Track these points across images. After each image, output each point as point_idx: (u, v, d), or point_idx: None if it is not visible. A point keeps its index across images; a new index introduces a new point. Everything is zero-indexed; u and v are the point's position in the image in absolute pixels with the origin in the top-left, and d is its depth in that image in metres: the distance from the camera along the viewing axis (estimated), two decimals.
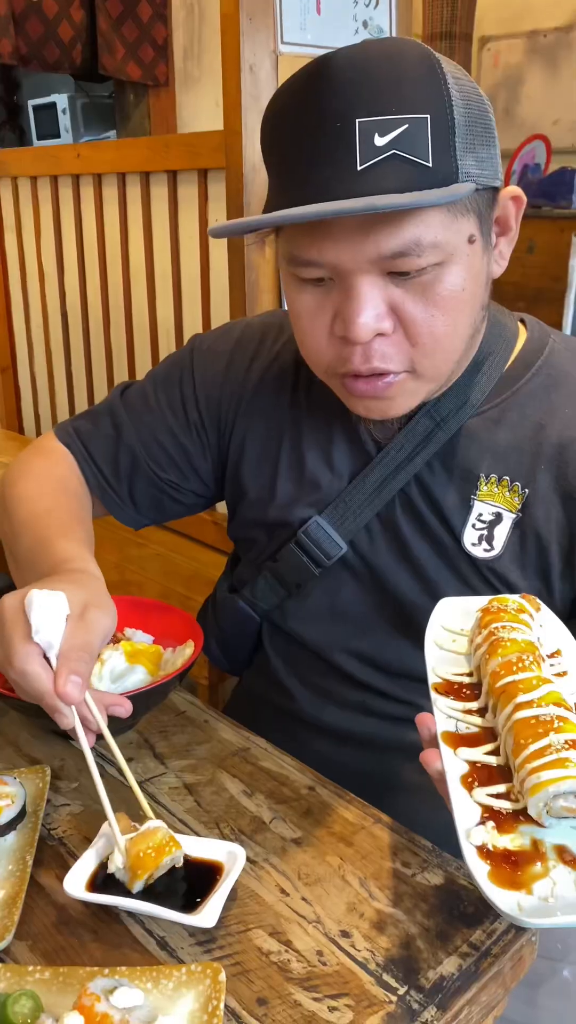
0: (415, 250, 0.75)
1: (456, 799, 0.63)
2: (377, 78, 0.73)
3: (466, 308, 0.81)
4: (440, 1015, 0.62)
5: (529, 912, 0.56)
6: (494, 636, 0.73)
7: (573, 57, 3.19)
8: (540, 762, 0.61)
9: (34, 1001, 0.59)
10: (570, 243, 2.35)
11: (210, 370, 1.06)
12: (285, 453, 1.01)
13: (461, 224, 0.77)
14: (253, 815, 0.81)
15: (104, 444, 1.08)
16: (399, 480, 0.94)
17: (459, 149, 0.74)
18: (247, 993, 0.64)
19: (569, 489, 0.88)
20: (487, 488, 0.91)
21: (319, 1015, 0.62)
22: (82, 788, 0.85)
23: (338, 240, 0.75)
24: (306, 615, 1.03)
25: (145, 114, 3.18)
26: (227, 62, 1.50)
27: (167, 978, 0.62)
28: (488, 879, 0.58)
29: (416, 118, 0.72)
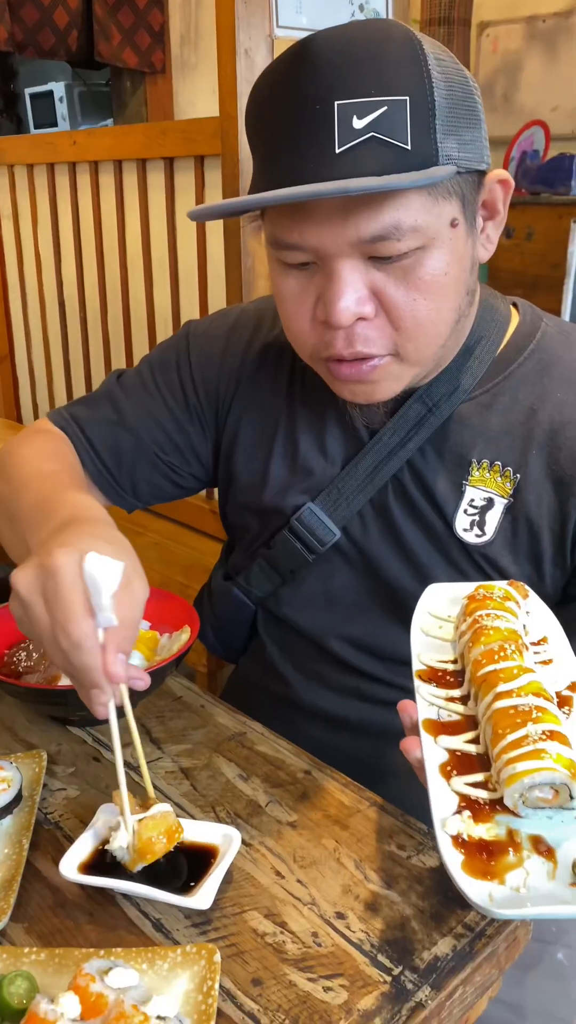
0: (395, 234, 0.75)
1: (433, 788, 0.63)
2: (357, 60, 0.72)
3: (449, 292, 0.81)
4: (434, 995, 0.62)
5: (500, 903, 0.56)
6: (478, 624, 0.73)
7: (572, 42, 3.17)
8: (517, 752, 0.60)
9: (29, 982, 0.60)
10: (568, 230, 2.34)
11: (206, 354, 1.06)
12: (280, 438, 1.01)
13: (443, 208, 0.77)
14: (249, 799, 0.81)
15: (104, 429, 1.06)
16: (391, 466, 0.94)
17: (439, 132, 0.74)
18: (242, 974, 0.64)
19: (561, 474, 0.88)
20: (479, 473, 0.91)
21: (314, 995, 0.62)
22: (78, 772, 0.85)
23: (319, 223, 0.75)
24: (300, 602, 1.03)
25: (142, 101, 3.16)
26: (222, 47, 1.49)
27: (162, 959, 0.62)
28: (461, 868, 0.58)
29: (395, 100, 0.72)
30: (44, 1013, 0.56)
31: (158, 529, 2.35)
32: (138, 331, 2.27)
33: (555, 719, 0.63)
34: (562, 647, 0.75)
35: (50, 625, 0.66)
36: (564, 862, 0.58)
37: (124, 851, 0.69)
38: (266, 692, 1.09)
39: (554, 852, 0.59)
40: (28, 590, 0.67)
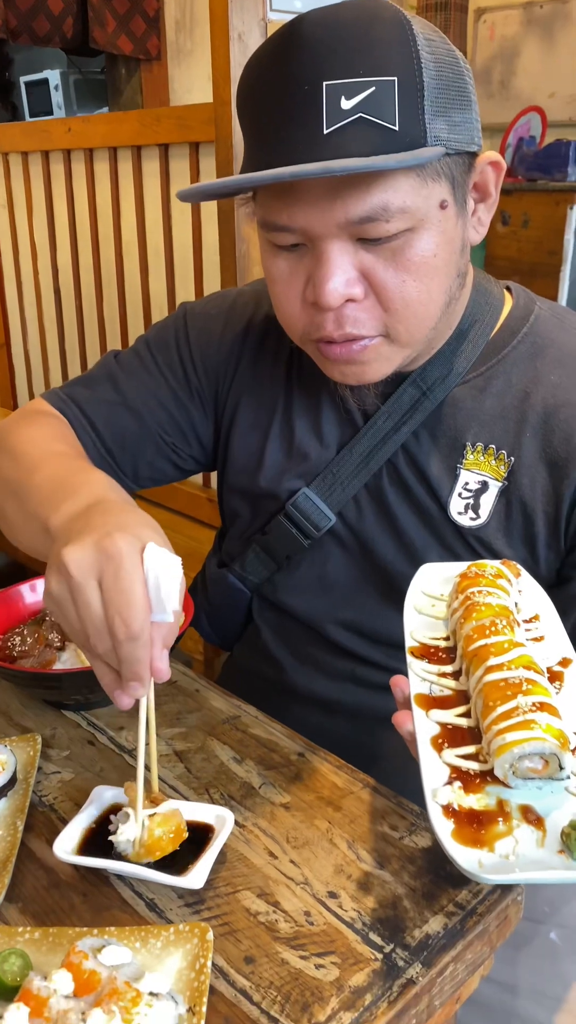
0: (383, 215, 0.75)
1: (424, 759, 0.64)
2: (346, 40, 0.72)
3: (439, 274, 0.81)
4: (425, 972, 0.63)
5: (489, 869, 0.57)
6: (470, 600, 0.73)
7: (569, 29, 3.16)
8: (507, 724, 0.61)
9: (23, 959, 0.60)
10: (565, 217, 2.34)
11: (205, 334, 1.05)
12: (276, 422, 1.01)
13: (432, 189, 0.77)
14: (243, 781, 0.82)
15: (106, 409, 1.04)
16: (386, 450, 0.94)
17: (428, 112, 0.73)
18: (235, 952, 0.64)
19: (555, 456, 0.88)
20: (473, 457, 0.91)
21: (305, 972, 0.63)
22: (73, 756, 0.86)
23: (307, 205, 0.75)
24: (296, 587, 1.03)
25: (137, 89, 3.15)
26: (216, 32, 1.48)
27: (155, 937, 0.63)
28: (451, 837, 0.59)
29: (383, 80, 0.72)
30: (38, 989, 0.56)
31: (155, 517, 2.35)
32: (134, 318, 2.26)
33: (545, 691, 0.64)
34: (553, 624, 0.76)
35: (101, 611, 0.63)
36: (553, 830, 0.59)
37: (129, 844, 0.69)
38: (261, 678, 1.09)
39: (543, 821, 0.60)
40: (82, 571, 0.63)
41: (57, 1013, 0.55)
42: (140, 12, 2.93)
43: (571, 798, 0.62)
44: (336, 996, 0.61)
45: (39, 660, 0.90)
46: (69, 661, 0.91)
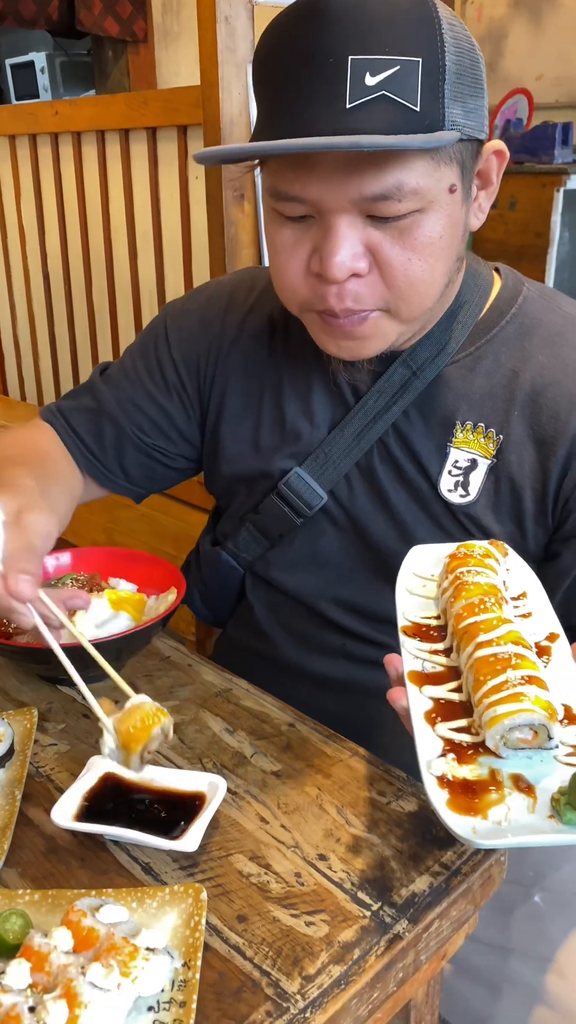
0: (396, 194, 0.76)
1: (419, 733, 0.66)
2: (372, 16, 0.73)
3: (443, 255, 0.82)
4: (411, 928, 0.65)
5: (483, 835, 0.59)
6: (459, 580, 0.76)
7: (557, 11, 3.15)
8: (497, 696, 0.63)
9: (24, 919, 0.62)
10: (552, 199, 2.35)
11: (184, 330, 1.07)
12: (266, 405, 1.03)
13: (443, 172, 0.78)
14: (235, 750, 0.84)
15: (86, 417, 1.10)
16: (377, 429, 0.96)
17: (447, 96, 0.75)
18: (228, 911, 0.67)
19: (542, 434, 0.90)
20: (463, 435, 0.93)
21: (296, 929, 0.65)
22: (69, 729, 0.88)
23: (322, 177, 0.76)
24: (288, 565, 1.05)
25: (124, 71, 3.14)
26: (203, 14, 1.49)
27: (151, 898, 0.65)
28: (446, 806, 0.61)
29: (408, 60, 0.72)
30: (38, 946, 0.58)
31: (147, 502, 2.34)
32: (123, 301, 2.27)
33: (533, 665, 0.66)
34: (540, 601, 0.78)
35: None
36: (543, 797, 0.61)
37: (115, 753, 0.72)
38: (253, 654, 1.11)
39: (534, 789, 0.62)
40: None
41: (57, 968, 0.57)
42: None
43: (560, 766, 0.64)
44: (326, 951, 0.63)
45: (34, 636, 0.92)
46: (64, 637, 0.93)
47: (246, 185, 1.60)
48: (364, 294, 0.82)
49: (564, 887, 0.96)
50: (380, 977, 0.63)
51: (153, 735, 0.72)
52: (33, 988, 0.57)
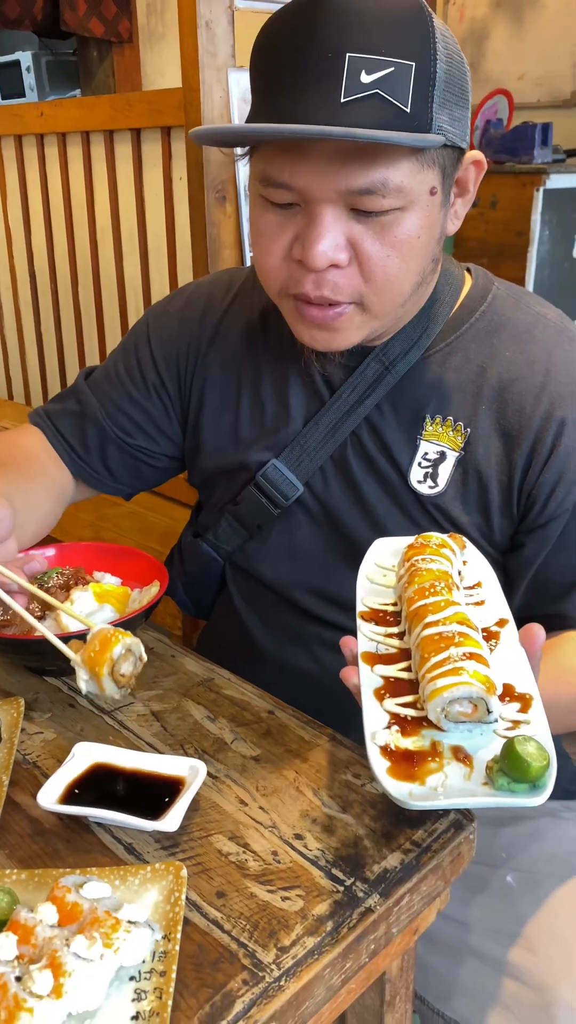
0: (381, 189, 0.79)
1: (367, 707, 0.70)
2: (373, 16, 0.76)
3: (419, 254, 0.86)
4: (382, 902, 0.68)
5: (418, 797, 0.63)
6: (414, 567, 0.80)
7: (537, 12, 3.19)
8: (439, 671, 0.67)
9: (10, 896, 0.65)
10: (532, 198, 2.38)
11: (164, 331, 1.11)
12: (244, 400, 1.06)
13: (426, 174, 0.81)
14: (216, 737, 0.87)
15: (71, 420, 1.14)
16: (351, 422, 0.99)
17: (436, 102, 0.78)
18: (207, 888, 0.70)
19: (508, 427, 0.93)
20: (432, 428, 0.96)
21: (272, 904, 0.68)
22: (54, 718, 0.91)
23: (312, 167, 0.79)
24: (266, 555, 1.08)
25: (109, 71, 3.16)
26: (183, 19, 1.51)
27: (133, 875, 0.68)
28: (386, 773, 0.65)
29: (402, 63, 0.76)
30: (24, 920, 0.61)
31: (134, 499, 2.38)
32: (109, 300, 2.29)
33: (476, 643, 0.70)
34: (493, 590, 0.83)
35: None
36: (480, 766, 0.66)
37: (90, 683, 0.77)
38: (233, 646, 1.14)
39: (471, 759, 0.66)
40: None
41: (43, 940, 0.60)
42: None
43: (498, 739, 0.68)
44: (300, 923, 0.66)
45: (21, 628, 0.94)
46: (50, 629, 0.96)
47: (228, 187, 1.63)
48: (341, 284, 0.84)
49: (534, 867, 0.99)
50: (352, 948, 0.66)
51: (115, 653, 0.76)
52: (20, 960, 0.60)
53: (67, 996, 0.57)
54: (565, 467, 0.92)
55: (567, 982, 0.88)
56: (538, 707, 0.70)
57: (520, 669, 0.74)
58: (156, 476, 1.18)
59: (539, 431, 0.92)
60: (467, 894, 0.98)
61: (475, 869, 1.00)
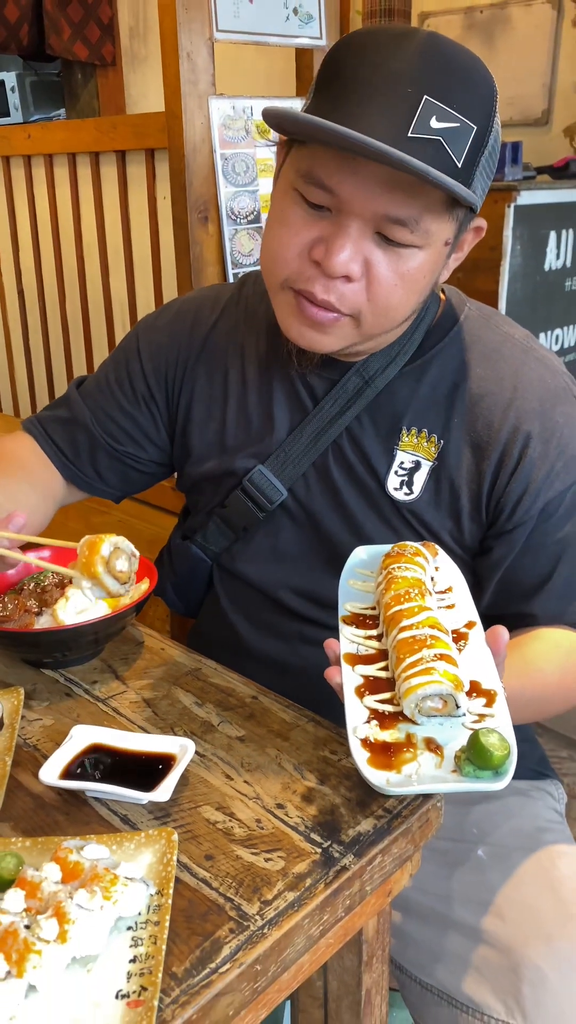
0: (412, 225, 0.86)
1: (348, 704, 0.78)
2: (457, 72, 0.83)
3: (419, 292, 0.94)
4: (356, 861, 0.75)
5: (394, 784, 0.72)
6: (391, 574, 0.87)
7: (509, 33, 3.30)
8: (413, 671, 0.75)
9: (17, 858, 0.71)
10: (504, 214, 2.47)
11: (154, 344, 1.18)
12: (231, 409, 1.13)
13: (447, 226, 0.89)
14: (203, 720, 0.93)
15: (61, 426, 1.21)
16: (332, 432, 1.06)
17: (479, 167, 0.86)
18: (196, 852, 0.76)
19: (478, 439, 1.00)
20: (408, 439, 1.03)
21: (256, 864, 0.74)
22: (52, 706, 0.97)
23: (361, 183, 0.85)
24: (251, 557, 1.15)
25: (94, 93, 3.24)
26: (166, 50, 1.59)
27: (129, 841, 0.74)
28: (367, 763, 0.73)
29: (467, 124, 0.83)
30: (31, 878, 0.68)
31: (122, 508, 2.45)
32: (96, 317, 2.36)
33: (446, 645, 0.78)
34: (463, 594, 0.90)
35: None
36: (450, 755, 0.74)
37: (91, 587, 0.87)
38: (220, 642, 1.20)
39: (442, 749, 0.75)
40: None
41: (48, 894, 0.66)
42: (95, 19, 3.02)
43: (466, 730, 0.76)
44: (281, 880, 0.73)
45: (19, 623, 1.01)
46: (47, 624, 1.02)
47: (210, 208, 1.70)
48: (347, 296, 0.91)
49: (503, 842, 1.06)
50: (329, 902, 0.72)
51: (104, 551, 0.83)
52: (27, 912, 0.66)
53: (71, 941, 0.63)
54: (531, 477, 0.99)
55: (533, 945, 0.95)
56: (501, 702, 0.78)
57: (486, 667, 0.82)
58: (144, 480, 1.25)
59: (506, 444, 0.99)
60: (442, 868, 1.04)
61: (449, 845, 1.07)
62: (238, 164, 1.72)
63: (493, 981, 0.95)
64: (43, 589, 1.05)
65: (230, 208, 1.73)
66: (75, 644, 0.99)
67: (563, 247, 2.65)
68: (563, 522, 1.00)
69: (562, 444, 0.99)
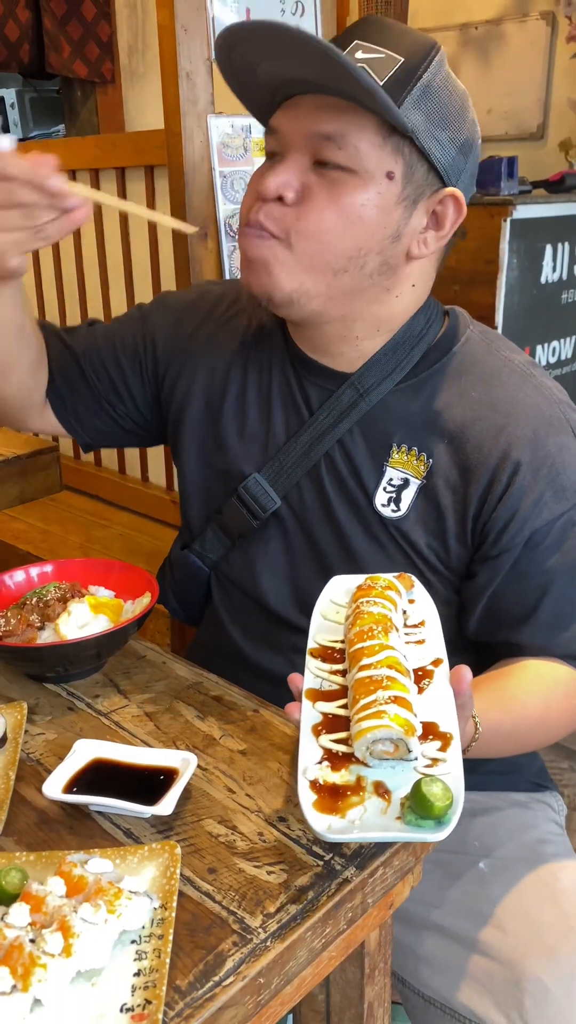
0: (339, 140, 0.91)
1: (302, 743, 0.77)
2: (387, 25, 0.93)
3: (358, 227, 0.94)
4: (358, 873, 0.75)
5: (335, 830, 0.70)
6: (359, 609, 0.87)
7: (504, 49, 3.33)
8: (364, 713, 0.74)
9: (21, 873, 0.72)
10: (500, 228, 2.48)
11: (161, 320, 1.20)
12: (229, 407, 1.13)
13: (385, 156, 0.92)
14: (205, 733, 0.94)
15: (59, 350, 1.20)
16: (325, 443, 1.07)
17: (410, 95, 0.90)
18: (199, 865, 0.77)
19: (467, 463, 1.00)
20: (398, 456, 1.04)
21: (259, 877, 0.75)
22: (55, 720, 0.97)
23: (295, 113, 0.94)
24: (246, 565, 1.16)
25: (93, 110, 3.26)
26: (165, 69, 1.61)
27: (132, 855, 0.75)
28: (312, 806, 0.72)
29: (392, 55, 0.90)
30: (36, 892, 0.68)
31: (122, 521, 2.47)
32: None
33: (403, 687, 0.77)
34: (434, 630, 0.89)
35: None
36: (396, 801, 0.72)
37: None
38: (219, 654, 1.21)
39: (391, 794, 0.73)
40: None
41: (53, 908, 0.67)
42: (94, 37, 3.05)
43: (417, 775, 0.74)
44: (284, 893, 0.73)
45: (22, 638, 1.01)
46: (49, 638, 1.03)
47: (209, 224, 1.72)
48: (276, 215, 0.95)
49: (504, 854, 1.07)
50: (331, 915, 0.73)
51: None
52: (32, 926, 0.66)
53: (76, 955, 0.64)
54: (519, 505, 0.98)
55: (535, 957, 0.95)
56: (456, 747, 0.76)
57: (446, 709, 0.79)
58: (117, 434, 1.25)
59: (496, 470, 0.99)
60: (443, 880, 1.05)
61: (451, 857, 1.07)
62: (236, 182, 1.74)
63: (495, 994, 0.95)
64: (45, 604, 1.06)
65: (229, 225, 1.75)
66: (77, 659, 1.00)
67: (559, 260, 2.67)
68: (550, 552, 1.00)
69: (552, 474, 0.98)
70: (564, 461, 0.99)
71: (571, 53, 3.13)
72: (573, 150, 3.16)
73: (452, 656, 0.85)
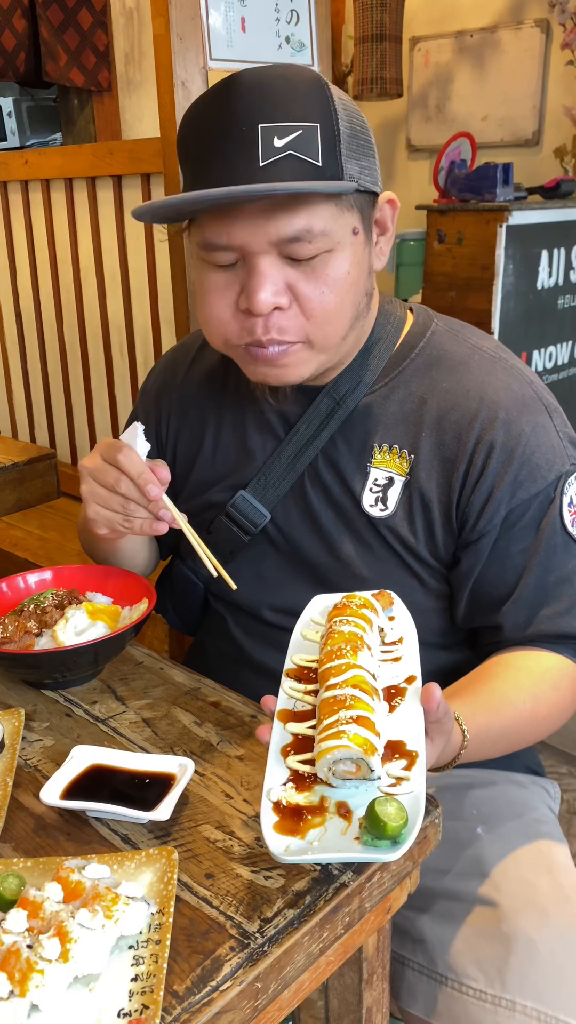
0: (307, 236, 0.90)
1: (270, 764, 0.77)
2: (277, 91, 0.89)
3: (351, 289, 0.96)
4: (355, 878, 0.75)
5: (292, 852, 0.70)
6: (332, 628, 0.86)
7: (499, 56, 3.35)
8: (326, 734, 0.74)
9: (19, 879, 0.72)
10: (495, 234, 2.50)
11: (148, 389, 1.26)
12: (208, 445, 1.16)
13: (346, 218, 0.92)
14: (203, 739, 0.94)
15: None
16: (308, 454, 1.08)
17: (344, 154, 0.90)
18: (197, 870, 0.77)
19: (447, 452, 1.02)
20: (380, 456, 1.05)
21: (256, 882, 0.75)
22: (52, 727, 0.98)
23: (244, 224, 0.89)
24: (238, 579, 1.16)
25: (90, 119, 3.27)
26: (161, 78, 1.62)
27: (129, 860, 0.75)
28: (272, 828, 0.71)
29: (308, 125, 0.88)
30: (33, 898, 0.68)
31: None
32: (93, 340, 2.39)
33: (366, 707, 0.76)
34: (411, 647, 0.88)
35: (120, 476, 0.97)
36: (356, 821, 0.72)
37: None
38: (221, 654, 1.22)
39: (352, 814, 0.73)
40: None
41: (50, 914, 0.67)
42: (90, 46, 3.06)
43: (381, 794, 0.73)
44: (282, 898, 0.73)
45: (20, 644, 1.02)
46: (47, 645, 1.03)
47: None
48: (285, 326, 0.94)
49: (501, 822, 1.08)
50: (328, 919, 0.73)
51: None
52: (30, 931, 0.67)
53: (73, 961, 0.64)
54: (493, 487, 1.00)
55: (527, 915, 0.96)
56: (420, 766, 0.75)
57: (414, 727, 0.78)
58: None
59: (472, 454, 1.00)
60: (442, 845, 1.05)
61: (450, 824, 1.07)
62: None
63: (480, 950, 0.95)
64: (43, 610, 1.06)
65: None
66: (75, 665, 1.00)
67: (555, 266, 2.68)
68: (528, 532, 1.01)
69: (527, 453, 1.00)
70: (538, 440, 1.00)
71: (566, 60, 3.15)
72: (568, 156, 3.18)
73: (448, 653, 0.85)
